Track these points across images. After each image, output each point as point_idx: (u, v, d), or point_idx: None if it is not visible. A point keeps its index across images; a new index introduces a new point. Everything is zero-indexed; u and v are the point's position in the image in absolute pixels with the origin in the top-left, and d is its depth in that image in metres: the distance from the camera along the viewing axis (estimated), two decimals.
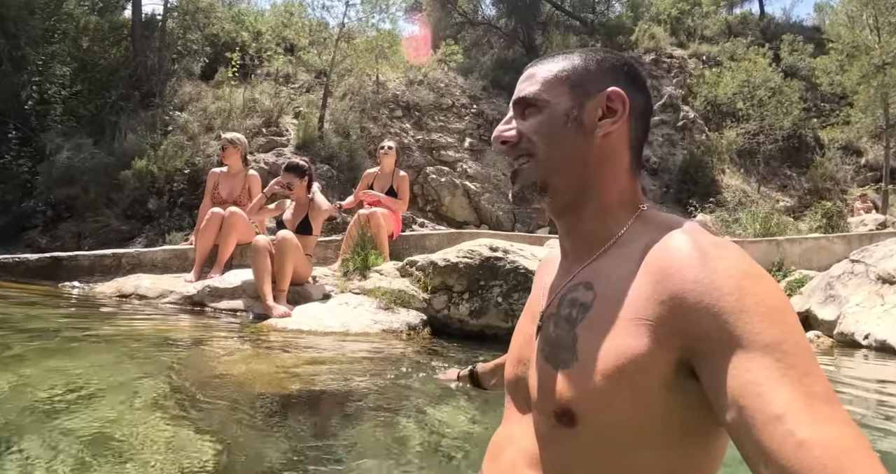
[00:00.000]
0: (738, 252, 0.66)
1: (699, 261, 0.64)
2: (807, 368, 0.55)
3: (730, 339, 0.58)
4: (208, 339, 2.94)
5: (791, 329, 0.58)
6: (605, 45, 13.28)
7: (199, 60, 9.70)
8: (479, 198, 10.33)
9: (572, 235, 0.83)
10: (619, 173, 0.81)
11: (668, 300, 0.63)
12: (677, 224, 0.74)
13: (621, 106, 0.79)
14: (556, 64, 0.84)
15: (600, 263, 0.77)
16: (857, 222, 10.01)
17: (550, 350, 0.75)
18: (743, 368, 0.56)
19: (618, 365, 0.65)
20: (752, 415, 0.53)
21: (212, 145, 8.02)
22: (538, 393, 0.76)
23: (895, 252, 6.05)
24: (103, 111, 8.05)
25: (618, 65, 0.83)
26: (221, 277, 4.03)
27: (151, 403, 1.90)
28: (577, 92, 0.81)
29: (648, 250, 0.71)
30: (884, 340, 4.44)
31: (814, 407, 0.52)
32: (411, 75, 10.85)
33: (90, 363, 2.26)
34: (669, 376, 0.63)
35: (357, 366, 2.72)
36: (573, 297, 0.76)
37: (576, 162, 0.80)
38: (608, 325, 0.68)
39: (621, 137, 0.81)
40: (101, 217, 7.12)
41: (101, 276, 4.37)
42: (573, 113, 0.80)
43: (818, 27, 15.96)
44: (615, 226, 0.79)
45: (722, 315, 0.59)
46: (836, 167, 12.36)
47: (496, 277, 4.09)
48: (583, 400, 0.68)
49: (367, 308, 3.68)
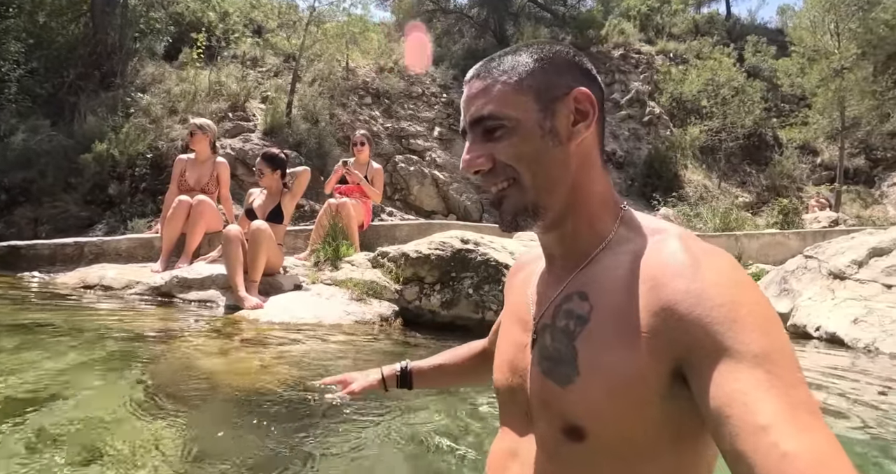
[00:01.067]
0: (729, 260, 0.66)
1: (691, 271, 0.64)
2: (793, 380, 0.56)
3: (720, 349, 0.58)
4: (179, 332, 2.90)
5: (779, 339, 0.59)
6: (576, 39, 13.42)
7: (162, 40, 9.39)
8: (447, 188, 10.36)
9: (559, 245, 0.81)
10: (595, 175, 0.79)
11: (661, 311, 0.64)
12: (664, 229, 0.74)
13: (591, 106, 0.76)
14: (505, 70, 0.76)
15: (592, 270, 0.75)
16: (811, 219, 10.45)
17: (550, 365, 0.74)
18: (732, 378, 0.56)
19: (620, 380, 0.66)
20: (739, 425, 0.54)
21: (176, 129, 7.81)
22: (542, 409, 0.75)
23: (846, 249, 6.37)
24: (61, 91, 7.74)
25: (568, 58, 0.78)
26: (190, 267, 3.97)
27: (124, 399, 1.87)
28: (542, 100, 0.75)
29: (639, 257, 0.70)
30: (834, 332, 4.67)
31: (798, 418, 0.53)
32: (382, 62, 10.75)
33: (57, 359, 2.19)
34: (665, 385, 0.64)
35: (332, 359, 2.74)
36: (569, 308, 0.75)
37: (561, 176, 0.76)
38: (607, 339, 0.68)
39: (593, 138, 0.78)
40: (60, 202, 6.88)
41: (62, 266, 4.24)
42: (546, 124, 0.75)
43: (781, 30, 16.47)
44: (602, 230, 0.77)
45: (713, 325, 0.59)
46: (793, 165, 12.84)
47: (467, 269, 4.14)
48: (590, 416, 0.69)
49: (339, 299, 3.69)
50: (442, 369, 1.21)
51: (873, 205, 12.12)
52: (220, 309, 3.63)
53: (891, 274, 5.78)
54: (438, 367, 1.21)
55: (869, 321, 4.95)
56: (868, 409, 2.49)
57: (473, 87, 0.78)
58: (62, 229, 6.70)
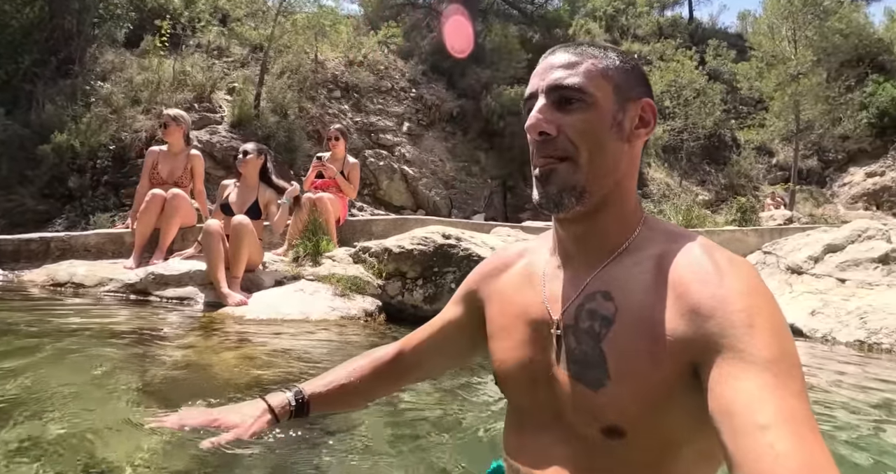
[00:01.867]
0: (750, 269, 0.70)
1: (717, 277, 0.68)
2: (797, 390, 0.59)
3: (734, 350, 0.62)
4: (162, 331, 2.82)
5: (790, 349, 0.63)
6: (544, 37, 13.56)
7: (122, 26, 9.01)
8: (416, 184, 10.36)
9: (582, 241, 0.82)
10: (635, 178, 0.83)
11: (687, 313, 0.67)
12: (685, 235, 0.77)
13: (653, 118, 0.82)
14: (596, 57, 0.80)
15: (614, 271, 0.77)
16: (767, 217, 10.90)
17: (579, 369, 0.75)
18: (741, 378, 0.60)
19: (651, 380, 0.69)
20: (740, 422, 0.57)
21: (139, 120, 7.55)
22: (577, 412, 0.77)
23: (802, 246, 6.69)
24: (15, 78, 7.35)
25: (644, 73, 0.85)
26: (166, 263, 3.85)
27: (116, 404, 1.79)
28: (620, 95, 0.79)
29: (663, 261, 0.73)
30: (792, 323, 4.89)
31: (798, 426, 0.55)
32: (351, 55, 10.62)
33: (36, 364, 2.06)
34: (687, 381, 0.68)
35: (323, 355, 2.71)
36: (592, 309, 0.76)
37: (614, 169, 0.79)
38: (633, 342, 0.71)
39: (641, 147, 0.84)
40: (15, 196, 6.55)
41: (26, 263, 4.05)
42: (619, 117, 0.78)
43: (741, 35, 17.07)
44: (626, 232, 0.80)
45: (731, 328, 0.63)
46: (750, 165, 13.39)
47: (449, 264, 4.16)
48: (626, 417, 0.72)
49: (323, 295, 3.65)
50: (345, 389, 1.07)
51: (825, 204, 12.74)
52: (198, 306, 3.54)
53: (844, 269, 6.10)
54: (340, 388, 1.07)
55: (825, 313, 5.22)
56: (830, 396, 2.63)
57: (560, 58, 0.80)
58: (18, 224, 6.38)
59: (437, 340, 1.06)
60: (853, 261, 6.05)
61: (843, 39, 12.27)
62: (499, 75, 11.79)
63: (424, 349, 1.07)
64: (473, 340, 1.02)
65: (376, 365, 1.10)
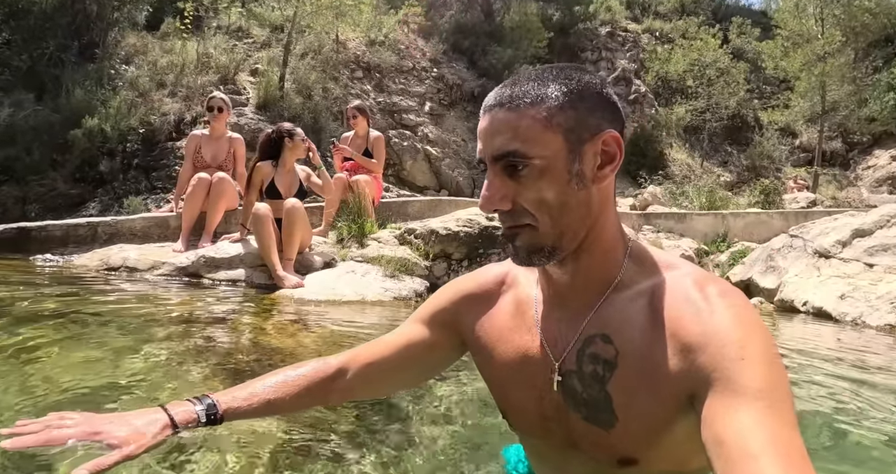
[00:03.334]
0: (743, 301, 0.71)
1: (706, 313, 0.69)
2: (788, 420, 0.60)
3: (727, 382, 0.63)
4: (226, 314, 2.84)
5: (781, 380, 0.63)
6: (564, 15, 13.33)
7: (143, 9, 8.97)
8: (439, 164, 10.31)
9: (573, 279, 0.79)
10: (610, 214, 0.78)
11: (680, 352, 0.69)
12: (676, 265, 0.77)
13: (618, 150, 0.74)
14: (532, 103, 0.71)
15: (609, 311, 0.77)
16: (790, 199, 10.79)
17: (588, 412, 0.77)
18: (732, 408, 0.61)
19: (657, 416, 0.72)
20: (731, 451, 0.58)
21: (167, 103, 7.53)
22: (592, 449, 0.79)
23: (830, 230, 6.65)
24: (40, 63, 7.33)
25: (597, 92, 0.74)
26: (216, 246, 3.87)
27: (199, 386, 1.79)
28: (571, 140, 0.72)
29: (656, 298, 0.73)
30: (820, 307, 4.90)
31: (789, 455, 0.56)
32: (372, 35, 10.51)
33: (110, 350, 2.04)
34: (689, 413, 0.69)
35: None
36: (594, 353, 0.76)
37: (583, 218, 0.75)
38: (636, 383, 0.73)
39: (612, 179, 0.77)
40: (47, 180, 6.58)
41: (75, 247, 4.08)
42: (574, 167, 0.72)
43: (765, 12, 16.69)
44: (613, 266, 0.78)
45: (723, 361, 0.64)
46: (772, 147, 13.19)
47: (494, 246, 4.17)
48: (638, 449, 0.75)
49: (374, 276, 3.67)
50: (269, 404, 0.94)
51: (848, 187, 12.55)
52: (251, 288, 3.56)
53: (872, 253, 6.06)
54: (265, 403, 0.94)
55: (855, 297, 5.20)
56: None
57: (497, 118, 0.72)
58: (51, 208, 6.43)
59: (397, 360, 0.98)
60: (882, 246, 5.99)
61: (871, 18, 11.98)
62: (520, 54, 11.63)
63: (378, 368, 0.99)
64: (446, 360, 1.01)
65: (311, 379, 0.98)
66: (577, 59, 13.33)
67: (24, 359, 1.87)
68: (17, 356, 1.90)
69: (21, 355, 1.91)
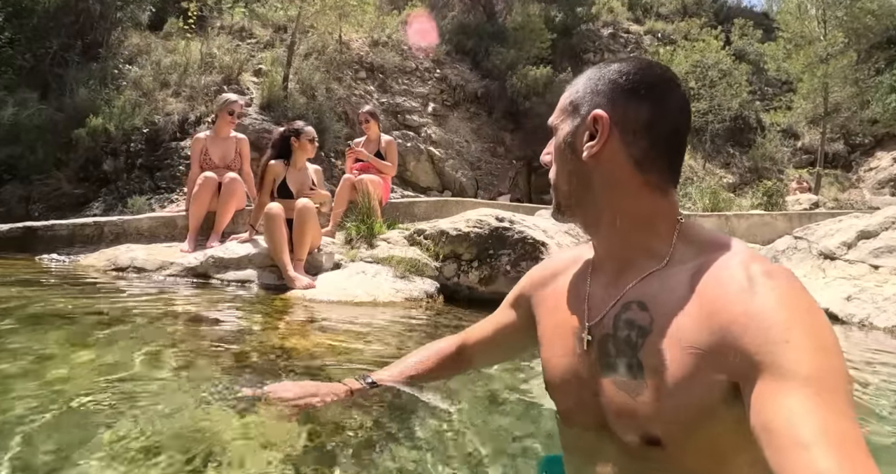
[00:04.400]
0: (790, 283, 0.67)
1: (749, 293, 0.66)
2: (842, 407, 0.57)
3: (772, 366, 0.60)
4: (240, 315, 2.81)
5: (834, 365, 0.60)
6: (567, 16, 13.33)
7: (146, 9, 8.93)
8: (442, 164, 10.30)
9: (609, 251, 0.85)
10: (631, 190, 0.80)
11: (720, 330, 0.66)
12: (722, 245, 0.75)
13: (602, 130, 0.79)
14: (569, 88, 0.87)
15: (651, 282, 0.78)
16: (792, 201, 10.79)
17: (619, 379, 0.77)
18: (781, 394, 0.58)
19: (683, 392, 0.69)
20: (780, 440, 0.56)
21: (170, 103, 7.50)
22: (617, 420, 0.78)
23: (835, 231, 6.65)
24: (44, 62, 7.30)
25: (612, 78, 0.81)
26: (224, 247, 3.83)
27: (215, 388, 1.76)
28: (574, 117, 0.84)
29: (699, 275, 0.72)
30: (826, 308, 4.90)
31: (842, 444, 0.53)
32: (375, 36, 10.49)
33: (119, 352, 2.00)
34: (728, 394, 0.67)
35: (400, 337, 2.70)
36: (629, 318, 0.77)
37: (578, 184, 0.83)
38: (668, 352, 0.71)
39: (615, 155, 0.80)
40: (51, 180, 6.55)
41: (81, 247, 4.05)
42: (568, 138, 0.83)
43: (767, 13, 16.70)
44: (658, 242, 0.80)
45: (766, 344, 0.61)
46: (775, 148, 13.19)
47: (504, 246, 4.14)
48: (662, 425, 0.72)
49: (384, 276, 3.64)
50: (411, 379, 1.22)
51: (850, 189, 12.56)
52: (260, 288, 3.53)
53: (878, 255, 6.06)
54: (409, 380, 1.22)
55: (862, 298, 5.19)
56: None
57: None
58: (55, 207, 6.40)
59: (492, 339, 1.15)
60: (887, 248, 5.99)
61: (874, 20, 11.97)
62: (522, 55, 11.62)
63: (482, 345, 1.18)
64: (524, 342, 1.11)
65: (441, 357, 1.22)
66: (579, 61, 13.32)
67: (32, 360, 1.84)
68: (24, 357, 1.87)
69: (28, 356, 1.88)
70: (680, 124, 0.82)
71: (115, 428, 1.43)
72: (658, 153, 0.80)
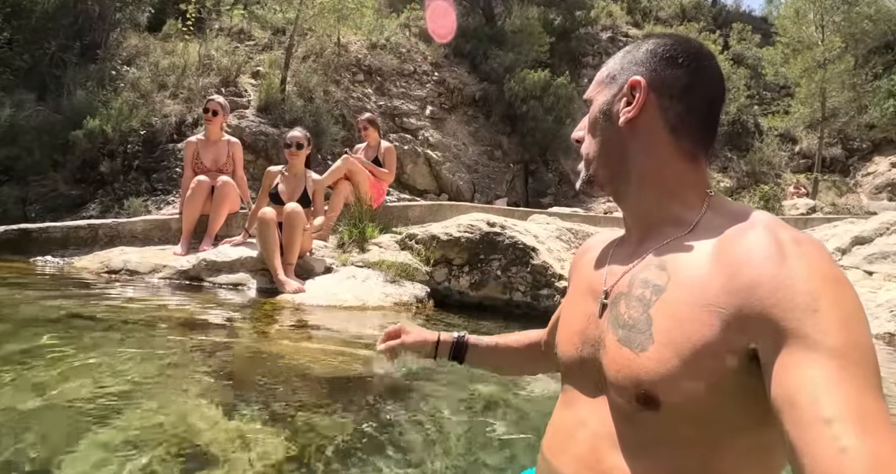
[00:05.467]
0: (819, 251, 0.65)
1: (778, 258, 0.63)
2: (868, 382, 0.55)
3: (797, 336, 0.58)
4: (229, 319, 2.84)
5: (861, 339, 0.58)
6: (566, 19, 13.36)
7: (144, 10, 8.96)
8: (439, 168, 10.32)
9: (637, 219, 0.85)
10: (664, 157, 0.80)
11: (743, 291, 0.64)
12: (752, 214, 0.73)
13: (640, 94, 0.80)
14: (605, 65, 0.89)
15: (673, 246, 0.76)
16: (790, 205, 10.82)
17: (625, 333, 0.75)
18: (805, 366, 0.56)
19: (693, 350, 0.66)
20: (802, 414, 0.54)
21: (168, 105, 7.51)
22: (616, 377, 0.75)
23: (830, 237, 6.67)
24: (42, 63, 7.32)
25: (650, 49, 0.83)
26: (217, 250, 3.86)
27: (203, 391, 1.80)
28: (610, 87, 0.85)
29: (723, 239, 0.70)
30: None
31: (865, 420, 0.52)
32: (373, 38, 10.52)
33: (112, 356, 2.04)
34: (742, 362, 0.64)
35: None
36: (645, 278, 0.76)
37: (613, 153, 0.84)
38: (682, 310, 0.69)
39: (651, 121, 0.81)
40: (48, 181, 6.55)
41: (75, 249, 4.07)
42: (605, 107, 0.85)
43: (765, 18, 16.73)
44: (686, 211, 0.78)
45: (794, 311, 0.59)
46: (772, 153, 13.20)
47: (496, 251, 4.16)
48: (663, 384, 0.68)
49: (375, 281, 3.66)
50: (496, 350, 1.19)
51: (847, 194, 12.58)
52: (252, 292, 3.56)
53: (872, 261, 6.08)
54: (494, 347, 1.19)
55: None
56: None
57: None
58: (52, 209, 6.41)
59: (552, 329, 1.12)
60: (881, 254, 6.01)
61: (871, 25, 11.99)
62: (521, 59, 11.64)
63: (550, 336, 1.11)
64: None
65: (527, 342, 1.19)
66: (578, 64, 13.34)
67: (23, 363, 1.87)
68: (17, 360, 1.90)
69: (20, 359, 1.91)
70: (716, 93, 0.83)
71: (102, 427, 1.48)
72: (693, 119, 0.80)
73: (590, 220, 7.34)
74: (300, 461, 1.46)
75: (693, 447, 0.69)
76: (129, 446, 1.41)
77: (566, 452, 0.81)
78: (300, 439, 1.57)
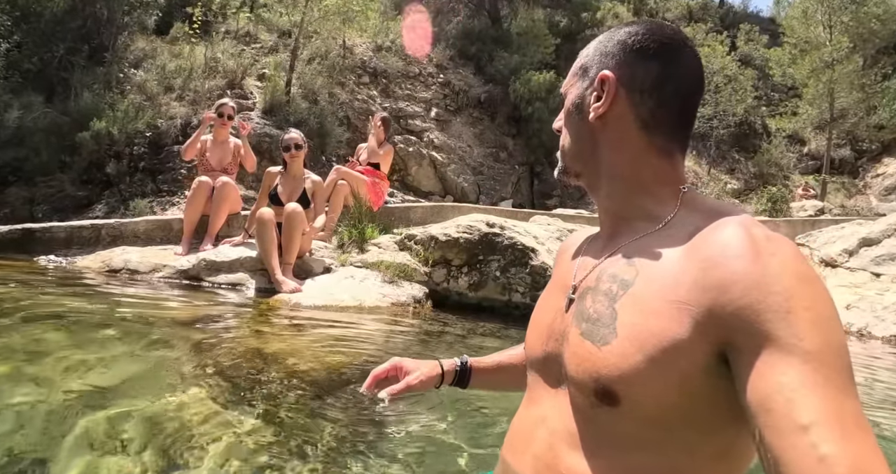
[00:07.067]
0: (793, 249, 0.63)
1: (751, 256, 0.61)
2: (843, 384, 0.54)
3: (770, 338, 0.56)
4: (225, 318, 2.86)
5: (834, 340, 0.56)
6: (571, 21, 13.35)
7: (152, 13, 9.05)
8: (444, 169, 10.33)
9: (609, 213, 0.84)
10: (635, 153, 0.78)
11: (714, 289, 0.62)
12: (727, 211, 0.71)
13: (609, 90, 0.78)
14: (581, 52, 0.88)
15: (644, 242, 0.75)
16: (798, 207, 10.74)
17: (588, 326, 0.73)
18: (778, 370, 0.54)
19: (657, 346, 0.64)
20: (778, 420, 0.52)
21: (174, 107, 7.59)
22: (577, 370, 0.73)
23: (837, 238, 6.62)
24: (50, 66, 7.42)
25: (624, 40, 0.80)
26: (216, 250, 3.89)
27: (196, 388, 1.82)
28: (583, 80, 0.84)
29: (695, 236, 0.68)
30: None
31: (843, 424, 0.50)
32: (379, 41, 10.56)
33: (108, 352, 2.08)
34: (711, 362, 0.62)
35: (385, 341, 2.73)
36: (613, 272, 0.74)
37: (584, 146, 0.83)
38: (649, 305, 0.67)
39: (622, 117, 0.79)
40: (55, 182, 6.64)
41: (79, 249, 4.12)
42: (577, 101, 0.84)
43: (773, 19, 16.62)
44: (659, 206, 0.77)
45: (766, 312, 0.57)
46: (780, 154, 13.09)
47: (494, 252, 4.16)
48: (623, 380, 0.66)
49: (373, 281, 3.68)
50: (499, 369, 1.12)
51: (857, 195, 12.46)
52: (250, 291, 3.58)
53: (879, 263, 6.02)
54: (497, 367, 1.12)
55: (861, 307, 5.15)
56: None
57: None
58: (59, 209, 6.49)
59: None
60: (889, 256, 5.95)
61: (880, 25, 11.88)
62: (526, 60, 11.64)
63: None
64: None
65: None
66: None
67: (24, 360, 1.91)
68: (17, 357, 1.93)
69: (21, 356, 1.94)
70: (690, 85, 0.79)
71: (96, 421, 1.51)
72: (665, 114, 0.78)
73: (593, 222, 7.32)
74: (291, 459, 1.47)
75: (653, 448, 0.67)
76: (122, 441, 1.43)
77: (525, 451, 0.79)
78: (292, 437, 1.58)
